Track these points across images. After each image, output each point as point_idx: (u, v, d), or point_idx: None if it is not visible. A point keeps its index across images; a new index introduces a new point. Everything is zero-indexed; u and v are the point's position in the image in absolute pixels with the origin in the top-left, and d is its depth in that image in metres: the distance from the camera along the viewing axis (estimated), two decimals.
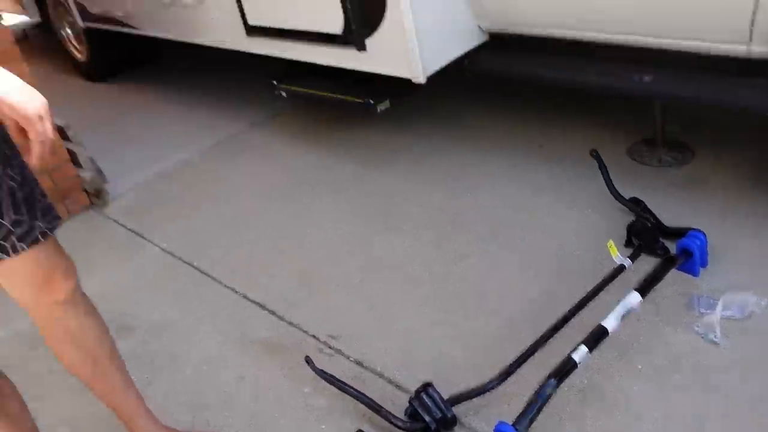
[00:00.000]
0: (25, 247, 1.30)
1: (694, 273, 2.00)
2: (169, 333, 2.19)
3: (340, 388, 1.74)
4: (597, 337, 1.69)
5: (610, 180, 2.31)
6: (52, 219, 1.37)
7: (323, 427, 1.74)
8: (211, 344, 2.11)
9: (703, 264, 2.01)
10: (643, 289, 1.81)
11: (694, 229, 2.02)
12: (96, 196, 3.08)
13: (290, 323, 2.14)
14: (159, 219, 2.88)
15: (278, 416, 1.80)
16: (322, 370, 1.77)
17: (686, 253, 1.98)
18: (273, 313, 2.20)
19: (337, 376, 1.76)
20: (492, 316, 2.01)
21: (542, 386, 1.59)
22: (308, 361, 1.79)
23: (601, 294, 1.92)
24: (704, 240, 1.98)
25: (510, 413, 1.57)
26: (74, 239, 2.84)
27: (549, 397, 1.58)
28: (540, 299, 2.04)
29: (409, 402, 1.66)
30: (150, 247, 2.70)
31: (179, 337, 2.17)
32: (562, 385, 1.62)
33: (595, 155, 2.31)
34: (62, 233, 1.91)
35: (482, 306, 2.06)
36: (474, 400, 1.69)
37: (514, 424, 1.52)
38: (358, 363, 1.93)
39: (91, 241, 2.82)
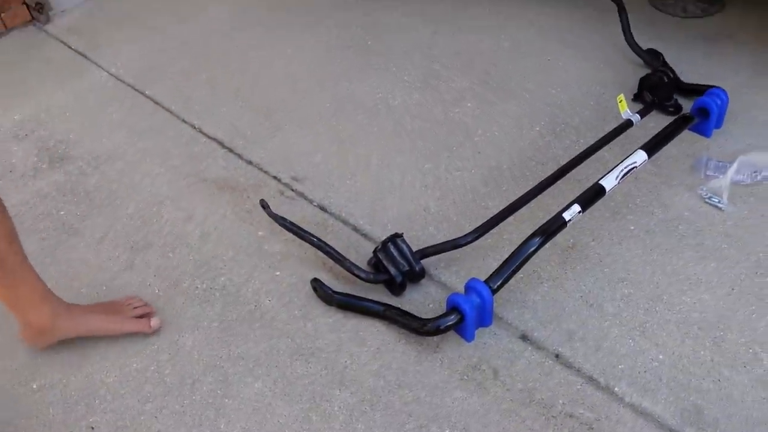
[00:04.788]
0: None
1: (706, 134, 1.78)
2: (112, 165, 1.94)
3: (298, 236, 1.54)
4: (592, 195, 1.49)
5: (629, 27, 2.03)
6: None
7: (278, 273, 1.56)
8: (158, 180, 1.87)
9: (718, 125, 1.79)
10: (651, 148, 1.59)
11: (715, 86, 1.78)
12: (38, 11, 2.70)
13: (249, 162, 1.90)
14: (109, 40, 2.54)
15: (228, 260, 1.61)
16: (278, 215, 1.56)
17: (703, 112, 1.75)
18: (231, 150, 1.96)
19: (296, 223, 1.55)
20: (476, 168, 1.79)
21: (524, 243, 1.40)
22: (264, 205, 1.58)
23: (603, 151, 1.70)
24: (725, 99, 1.75)
25: (485, 270, 1.40)
26: (10, 57, 2.51)
27: (530, 256, 1.40)
28: (533, 153, 1.82)
29: (374, 252, 1.48)
30: (96, 70, 2.38)
31: (123, 170, 1.92)
32: (545, 244, 1.44)
33: None
34: None
35: (466, 156, 1.84)
36: (447, 254, 1.52)
37: (486, 281, 1.35)
38: (322, 208, 1.73)
39: (29, 59, 2.48)
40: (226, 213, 1.74)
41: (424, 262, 1.49)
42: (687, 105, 1.85)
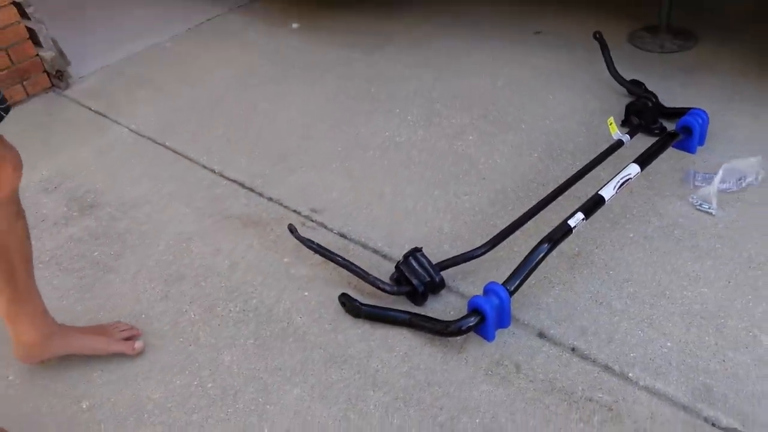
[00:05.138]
0: None
1: (690, 150, 1.94)
2: (140, 210, 2.07)
3: (324, 256, 1.66)
4: (593, 204, 1.62)
5: (612, 61, 2.22)
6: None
7: (306, 294, 1.67)
8: (185, 221, 2.00)
9: (701, 142, 1.95)
10: (642, 161, 1.75)
11: (695, 108, 1.95)
12: (58, 78, 2.88)
13: (270, 199, 2.04)
14: (126, 101, 2.71)
15: (258, 285, 1.72)
16: (305, 238, 1.68)
17: (686, 130, 1.91)
18: (251, 190, 2.09)
19: (322, 245, 1.67)
20: (483, 191, 1.93)
21: (534, 250, 1.53)
22: (291, 229, 1.70)
23: (597, 170, 1.85)
24: (706, 118, 1.92)
25: (499, 278, 1.51)
26: (33, 120, 2.67)
27: (540, 260, 1.52)
28: (534, 176, 1.97)
29: (396, 266, 1.60)
30: (117, 127, 2.54)
31: (150, 213, 2.05)
32: (552, 252, 1.56)
33: (598, 37, 2.22)
34: (20, 114, 1.73)
35: (472, 181, 1.98)
36: (462, 266, 1.63)
37: (503, 284, 1.46)
38: (342, 235, 1.85)
39: (51, 121, 2.64)
40: (252, 244, 1.86)
41: (443, 274, 1.61)
42: (671, 128, 2.01)
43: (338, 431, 1.34)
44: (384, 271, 1.69)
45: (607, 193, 1.64)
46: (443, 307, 1.59)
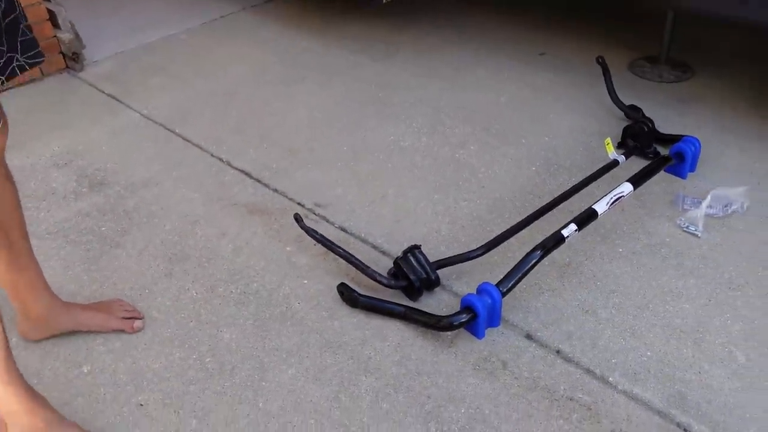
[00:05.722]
0: (2, 78, 1.21)
1: (682, 176, 2.02)
2: (148, 191, 2.13)
3: (326, 246, 1.73)
4: (586, 217, 1.70)
5: (612, 86, 2.32)
6: (34, 56, 1.28)
7: (305, 282, 1.74)
8: (192, 204, 2.06)
9: (692, 169, 2.04)
10: (635, 181, 1.83)
11: (689, 135, 2.04)
12: (73, 60, 2.94)
13: (275, 190, 2.11)
14: (139, 87, 2.78)
15: (260, 270, 1.78)
16: (309, 228, 1.75)
17: (679, 155, 2.00)
18: (258, 180, 2.16)
19: (324, 236, 1.74)
20: (481, 199, 2.01)
21: (527, 255, 1.60)
22: (297, 218, 1.77)
23: (591, 187, 1.93)
24: (698, 146, 2.01)
25: (492, 280, 1.58)
26: (47, 98, 2.73)
27: (532, 266, 1.59)
28: (531, 188, 2.05)
29: (395, 261, 1.67)
30: (129, 112, 2.60)
31: (159, 195, 2.11)
32: (544, 261, 1.63)
33: (601, 61, 2.32)
34: (34, 91, 1.74)
35: (472, 189, 2.06)
36: (458, 266, 1.71)
37: (497, 285, 1.54)
38: (343, 229, 1.92)
39: (65, 101, 2.70)
40: (256, 231, 1.92)
41: (439, 272, 1.68)
42: (665, 153, 2.10)
43: (329, 411, 1.40)
44: (382, 266, 1.75)
45: (600, 207, 1.72)
46: (437, 303, 1.65)
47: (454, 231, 1.89)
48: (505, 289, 1.54)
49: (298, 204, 2.04)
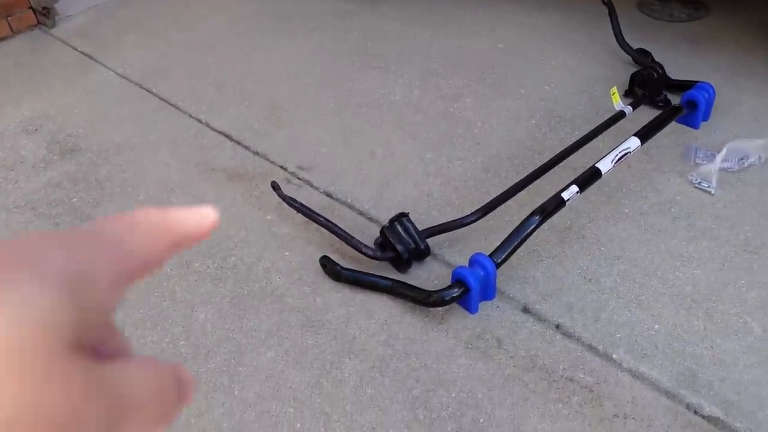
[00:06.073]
0: None
1: (694, 125, 1.87)
2: (122, 157, 2.00)
3: (307, 216, 1.60)
4: (589, 177, 1.56)
5: (619, 28, 2.13)
6: None
7: (287, 254, 1.62)
8: (168, 170, 1.93)
9: (705, 118, 1.88)
10: (643, 135, 1.67)
11: (702, 81, 1.87)
12: (44, 15, 2.77)
13: (256, 153, 1.97)
14: (114, 43, 2.61)
15: (239, 241, 1.66)
16: (288, 196, 1.62)
17: (691, 104, 1.83)
18: (238, 143, 2.02)
19: (305, 205, 1.61)
20: (476, 157, 1.87)
21: (525, 221, 1.47)
22: (274, 186, 1.63)
23: (596, 141, 1.78)
24: (712, 93, 1.84)
25: (487, 248, 1.46)
26: (17, 58, 2.57)
27: (530, 233, 1.46)
28: (530, 143, 1.90)
29: (381, 231, 1.54)
30: (103, 70, 2.44)
31: (133, 161, 1.98)
32: (544, 225, 1.50)
33: (607, 1, 2.11)
34: (4, 51, 1.61)
35: (467, 146, 1.91)
36: (450, 233, 1.58)
37: (490, 256, 1.41)
38: (328, 194, 1.79)
39: (36, 60, 2.55)
40: (235, 198, 1.80)
41: (429, 241, 1.55)
42: (675, 101, 1.94)
43: (310, 398, 1.30)
44: (369, 234, 1.63)
45: (604, 166, 1.57)
46: (427, 275, 1.54)
47: (446, 193, 1.76)
48: (499, 260, 1.42)
49: (281, 167, 1.90)
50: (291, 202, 1.60)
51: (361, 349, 1.38)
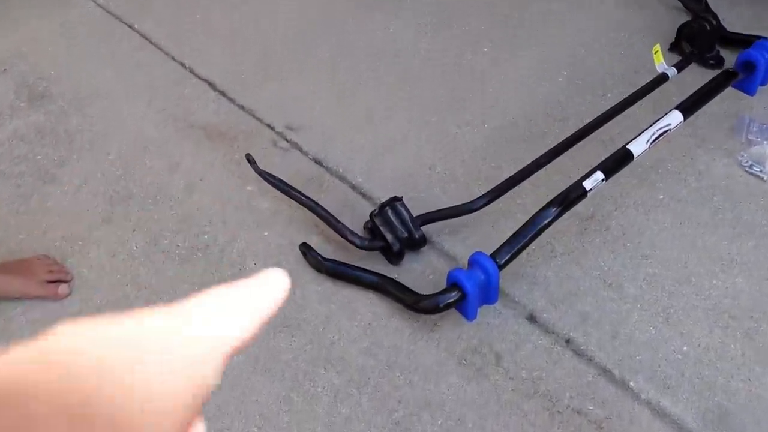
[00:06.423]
0: None
1: (750, 92, 1.59)
2: (94, 106, 1.79)
3: (288, 194, 1.40)
4: (618, 161, 1.32)
5: None
6: None
7: (266, 234, 1.43)
8: (142, 124, 1.72)
9: (764, 82, 1.59)
10: (687, 108, 1.40)
11: (763, 37, 1.57)
12: None
13: (242, 107, 1.74)
14: None
15: (213, 215, 1.47)
16: (265, 172, 1.41)
17: (748, 66, 1.55)
18: (223, 93, 1.79)
19: (286, 180, 1.40)
20: (488, 122, 1.62)
21: (537, 214, 1.24)
22: (250, 160, 1.42)
23: (633, 108, 1.52)
24: None
25: (494, 238, 1.25)
26: None
27: (544, 228, 1.24)
28: (553, 107, 1.64)
29: (371, 216, 1.33)
30: (83, 1, 2.19)
31: (106, 111, 1.77)
32: None
33: None
34: None
35: (478, 108, 1.66)
36: (452, 220, 1.37)
37: (492, 255, 1.20)
38: (318, 162, 1.58)
39: None
40: (213, 162, 1.59)
41: (427, 228, 1.35)
42: (730, 58, 1.65)
43: (277, 415, 1.14)
44: (360, 213, 1.43)
45: (637, 147, 1.32)
46: (422, 267, 1.34)
47: (451, 166, 1.53)
48: (503, 261, 1.21)
49: (268, 126, 1.68)
50: (268, 177, 1.39)
51: (339, 358, 1.21)
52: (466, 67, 1.77)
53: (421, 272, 1.33)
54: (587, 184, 1.26)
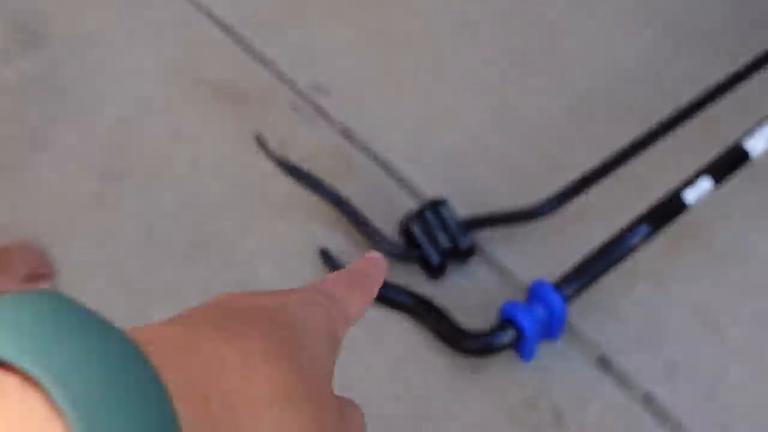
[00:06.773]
0: None
1: None
2: (93, 52, 1.54)
3: (310, 187, 1.14)
4: (731, 164, 1.01)
5: None
6: None
7: (280, 228, 1.19)
8: (145, 78, 1.47)
9: None
10: None
11: None
12: None
13: (262, 60, 1.47)
14: None
15: (219, 200, 1.24)
16: (282, 158, 1.16)
17: None
18: (241, 40, 1.51)
19: (305, 168, 1.15)
20: (561, 91, 1.31)
21: (621, 235, 0.97)
22: (260, 142, 1.17)
23: (753, 83, 1.19)
24: None
25: (562, 251, 0.99)
26: None
27: (627, 254, 0.97)
28: (644, 72, 1.31)
29: (407, 223, 1.08)
30: None
31: (105, 60, 1.52)
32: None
33: None
34: None
35: (547, 71, 1.35)
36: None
37: (558, 285, 0.94)
38: (347, 134, 1.31)
39: None
40: (224, 132, 1.34)
41: (477, 233, 1.09)
42: None
43: None
44: (396, 204, 1.17)
45: (755, 145, 1.01)
46: (470, 284, 1.09)
47: (510, 144, 1.24)
48: (571, 292, 0.95)
49: (289, 82, 1.41)
50: (286, 166, 1.14)
51: (363, 404, 0.99)
52: (535, 20, 1.44)
53: (468, 290, 1.08)
54: (689, 196, 0.97)
